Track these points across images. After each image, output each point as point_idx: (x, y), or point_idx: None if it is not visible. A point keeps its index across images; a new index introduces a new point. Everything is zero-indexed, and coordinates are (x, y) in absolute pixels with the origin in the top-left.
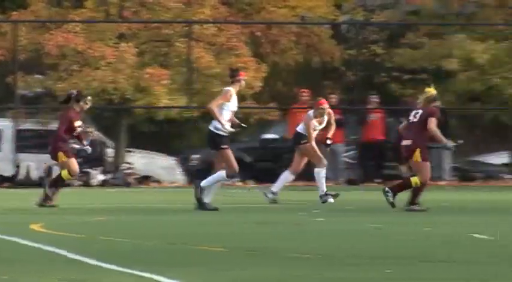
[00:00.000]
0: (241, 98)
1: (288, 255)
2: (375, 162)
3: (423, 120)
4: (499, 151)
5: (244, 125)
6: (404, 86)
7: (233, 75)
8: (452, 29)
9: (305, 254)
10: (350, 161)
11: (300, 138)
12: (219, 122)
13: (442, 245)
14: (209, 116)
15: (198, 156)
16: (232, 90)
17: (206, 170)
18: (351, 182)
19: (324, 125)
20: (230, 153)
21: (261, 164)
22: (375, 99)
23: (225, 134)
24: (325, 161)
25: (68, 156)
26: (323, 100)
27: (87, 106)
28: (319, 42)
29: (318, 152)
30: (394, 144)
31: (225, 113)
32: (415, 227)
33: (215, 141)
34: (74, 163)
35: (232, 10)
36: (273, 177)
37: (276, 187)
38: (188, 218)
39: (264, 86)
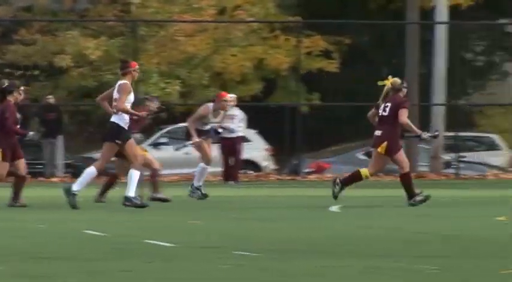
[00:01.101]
0: None
1: None
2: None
3: (393, 113)
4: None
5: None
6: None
7: (124, 67)
8: (65, 25)
9: None
10: None
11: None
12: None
13: (56, 241)
14: None
15: None
16: (128, 82)
17: None
18: None
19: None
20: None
21: None
22: None
23: (127, 127)
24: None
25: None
26: (224, 92)
27: (21, 97)
28: None
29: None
30: None
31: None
32: (29, 223)
33: (117, 133)
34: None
35: None
36: None
37: (196, 181)
38: None
39: None
